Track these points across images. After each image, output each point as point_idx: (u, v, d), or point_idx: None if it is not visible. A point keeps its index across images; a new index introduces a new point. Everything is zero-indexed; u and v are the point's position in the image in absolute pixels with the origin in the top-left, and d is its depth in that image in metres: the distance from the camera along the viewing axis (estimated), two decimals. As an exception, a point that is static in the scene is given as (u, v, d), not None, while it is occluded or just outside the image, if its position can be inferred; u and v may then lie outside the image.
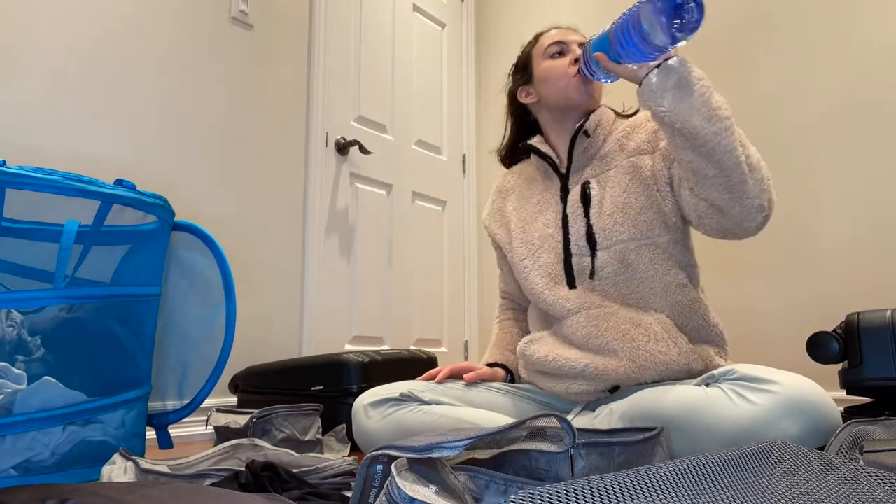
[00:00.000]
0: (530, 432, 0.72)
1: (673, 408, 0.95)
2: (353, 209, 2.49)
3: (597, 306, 1.14)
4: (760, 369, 0.94)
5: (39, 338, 1.29)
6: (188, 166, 1.97)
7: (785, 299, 2.07)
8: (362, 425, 1.18)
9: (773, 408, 0.88)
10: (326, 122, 2.41)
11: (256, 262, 2.14)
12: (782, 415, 0.87)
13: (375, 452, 0.60)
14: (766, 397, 0.89)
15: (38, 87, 1.67)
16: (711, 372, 1.01)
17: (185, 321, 1.53)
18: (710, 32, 2.33)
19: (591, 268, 1.16)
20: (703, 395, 0.94)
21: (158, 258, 1.43)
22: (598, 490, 0.45)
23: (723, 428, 0.90)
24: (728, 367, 0.98)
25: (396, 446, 0.58)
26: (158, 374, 1.48)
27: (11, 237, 1.27)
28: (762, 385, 0.90)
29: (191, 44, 2.01)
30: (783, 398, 0.88)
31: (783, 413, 0.87)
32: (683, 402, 0.94)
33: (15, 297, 1.19)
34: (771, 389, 0.89)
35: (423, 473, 0.56)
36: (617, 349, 1.08)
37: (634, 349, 1.07)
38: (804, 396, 0.88)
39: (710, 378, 0.99)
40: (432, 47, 2.98)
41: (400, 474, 0.54)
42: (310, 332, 2.26)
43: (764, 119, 2.18)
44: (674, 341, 1.08)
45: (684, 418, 0.93)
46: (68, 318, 1.33)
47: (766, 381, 0.90)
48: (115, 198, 1.31)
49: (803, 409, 0.87)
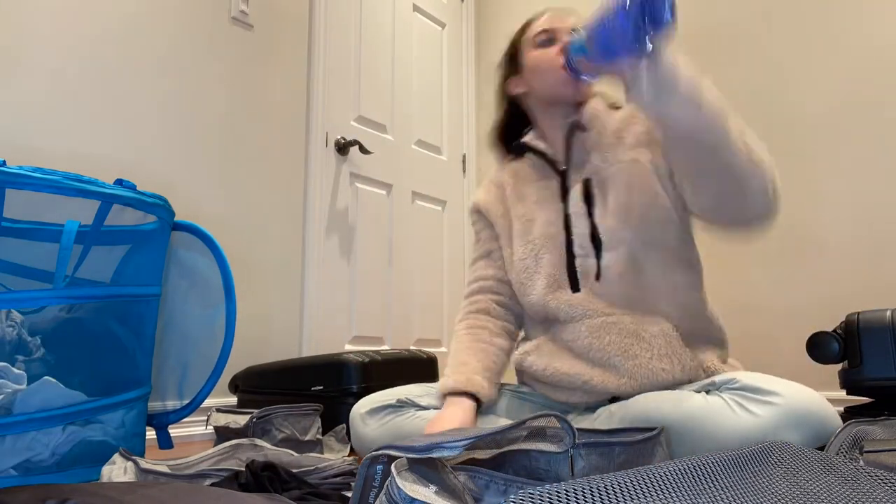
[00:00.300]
0: (530, 432, 0.72)
1: (673, 414, 0.93)
2: (353, 209, 2.49)
3: (599, 314, 1.09)
4: (762, 379, 0.93)
5: (39, 338, 1.29)
6: (188, 166, 1.97)
7: (786, 298, 2.07)
8: (360, 433, 1.17)
9: (775, 419, 0.87)
10: (326, 121, 2.41)
11: (256, 261, 2.14)
12: (783, 426, 0.86)
13: (375, 452, 0.60)
14: (768, 409, 0.88)
15: (38, 87, 1.67)
16: (712, 379, 1.00)
17: (186, 321, 1.53)
18: (710, 31, 2.33)
19: (597, 269, 1.11)
20: (703, 403, 0.93)
21: (158, 258, 1.43)
22: (598, 490, 0.45)
23: (723, 437, 0.89)
24: (729, 375, 0.97)
25: (396, 446, 0.58)
26: (158, 374, 1.48)
27: (11, 237, 1.27)
28: (764, 396, 0.89)
29: (191, 44, 2.01)
30: (785, 410, 0.87)
31: (784, 424, 0.86)
32: (684, 409, 0.93)
33: (15, 297, 1.19)
34: (772, 401, 0.88)
35: (423, 473, 0.56)
36: (618, 365, 1.05)
37: (636, 367, 1.04)
38: (806, 408, 0.87)
39: (710, 385, 0.98)
40: (432, 47, 2.98)
41: (400, 474, 0.54)
42: (310, 332, 2.26)
43: (763, 118, 2.18)
44: (678, 358, 1.05)
45: (684, 425, 0.92)
46: (68, 318, 1.33)
47: (768, 393, 0.89)
48: (115, 198, 1.31)
49: (805, 420, 0.86)
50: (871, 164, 1.96)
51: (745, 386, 0.92)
